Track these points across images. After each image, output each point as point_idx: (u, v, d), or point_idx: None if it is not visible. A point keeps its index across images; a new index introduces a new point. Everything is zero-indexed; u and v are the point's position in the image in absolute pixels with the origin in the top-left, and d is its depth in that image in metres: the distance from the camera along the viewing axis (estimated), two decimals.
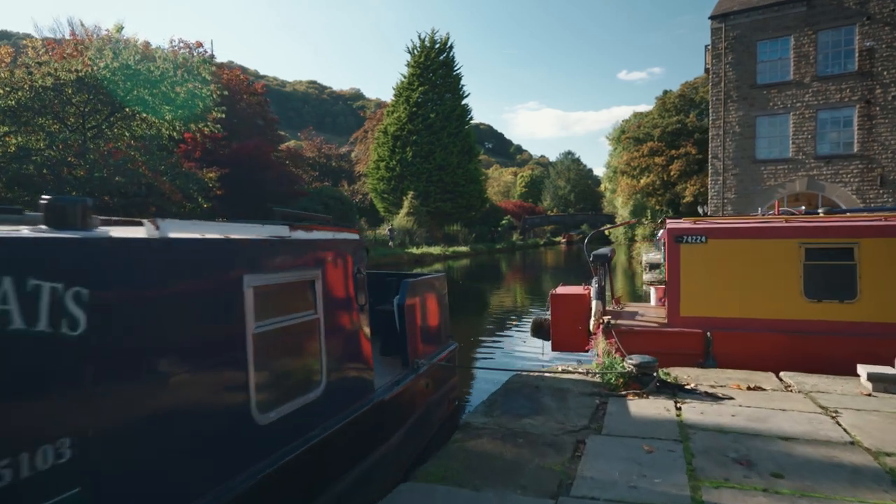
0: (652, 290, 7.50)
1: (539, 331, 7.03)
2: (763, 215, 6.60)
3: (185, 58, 21.13)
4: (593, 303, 6.06)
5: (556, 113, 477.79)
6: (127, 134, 22.87)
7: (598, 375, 4.81)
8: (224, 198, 24.59)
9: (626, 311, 6.94)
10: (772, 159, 22.25)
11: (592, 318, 6.08)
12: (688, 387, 4.60)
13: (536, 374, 5.08)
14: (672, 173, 52.43)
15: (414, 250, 35.61)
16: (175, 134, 24.09)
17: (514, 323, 11.11)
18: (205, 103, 22.83)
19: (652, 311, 7.05)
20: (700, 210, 34.40)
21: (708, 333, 5.64)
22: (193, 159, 24.16)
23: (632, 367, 4.49)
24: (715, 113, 23.39)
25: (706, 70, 27.58)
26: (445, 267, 31.25)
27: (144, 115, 23.02)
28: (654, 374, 4.52)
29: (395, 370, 4.19)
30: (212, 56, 34.50)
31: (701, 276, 5.83)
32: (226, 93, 23.77)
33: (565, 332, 6.64)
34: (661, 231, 6.24)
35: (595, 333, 6.35)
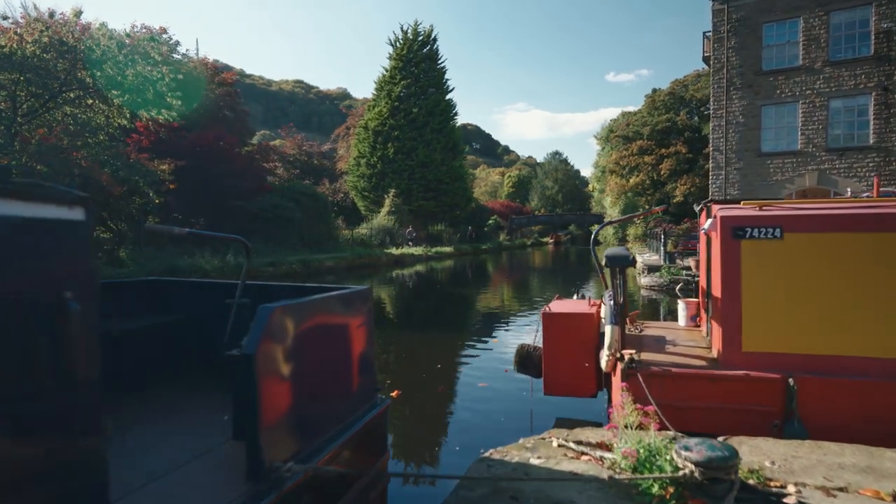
0: (681, 305, 5.45)
1: (525, 363, 4.96)
2: (856, 198, 4.57)
3: (128, 35, 18.79)
4: (607, 328, 4.00)
5: (545, 114, 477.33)
6: (72, 121, 20.52)
7: (624, 471, 2.73)
8: (180, 192, 22.28)
9: (647, 337, 4.89)
10: (778, 152, 20.46)
11: (606, 352, 4.02)
12: (789, 500, 2.54)
13: (516, 461, 2.98)
14: (662, 172, 51.07)
15: (393, 251, 33.47)
16: (125, 122, 21.77)
17: (493, 344, 8.95)
18: (155, 88, 20.53)
19: (683, 335, 5.00)
20: (696, 208, 32.65)
21: (790, 380, 3.60)
22: (144, 149, 21.79)
23: (690, 467, 2.42)
24: (717, 102, 21.55)
25: (705, 59, 25.80)
26: (427, 268, 29.16)
27: (90, 101, 20.71)
28: (732, 477, 2.45)
29: (229, 488, 2.14)
30: (177, 43, 32.21)
31: (775, 291, 3.78)
32: (180, 76, 21.41)
33: (564, 368, 4.58)
34: (708, 222, 4.15)
35: (611, 374, 4.29)
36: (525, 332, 9.88)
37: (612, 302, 4.07)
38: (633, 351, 3.98)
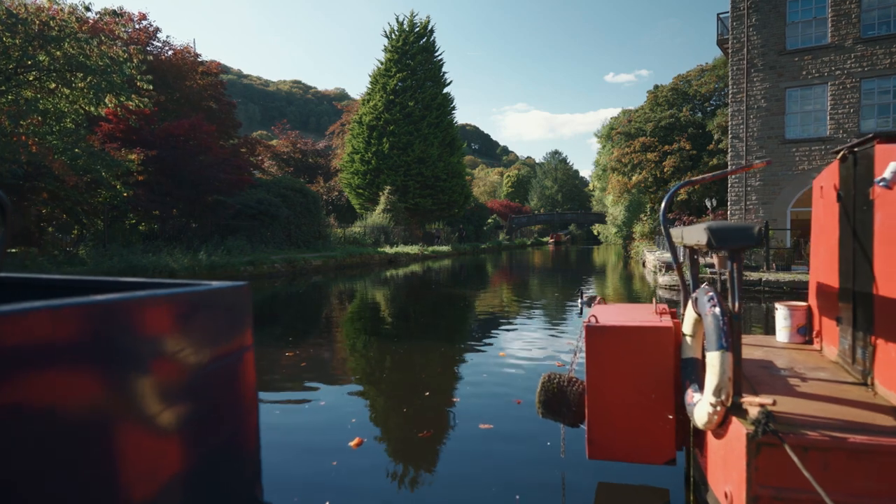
0: (781, 312, 3.66)
1: (555, 405, 3.15)
2: None
3: (88, 7, 16.99)
4: (713, 356, 2.21)
5: (544, 115, 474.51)
6: (31, 106, 18.71)
7: None
8: (152, 185, 20.46)
9: (747, 363, 3.11)
10: (805, 139, 18.73)
11: (710, 398, 2.22)
12: None
13: None
14: (665, 170, 49.51)
15: (387, 250, 31.68)
16: (92, 108, 19.95)
17: (499, 361, 7.11)
18: (122, 70, 18.73)
19: (798, 358, 3.23)
20: (707, 203, 30.96)
21: None
22: (114, 138, 19.98)
23: None
24: (736, 85, 19.80)
25: (719, 42, 24.09)
26: (423, 268, 27.38)
27: (52, 84, 18.90)
28: None
29: None
30: (157, 30, 30.42)
31: None
32: (150, 57, 19.63)
33: (623, 418, 2.80)
34: (890, 170, 2.30)
35: (705, 432, 2.51)
36: (533, 342, 8.10)
37: (716, 310, 2.28)
38: (770, 400, 2.19)
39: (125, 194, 18.90)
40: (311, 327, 10.32)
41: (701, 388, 2.59)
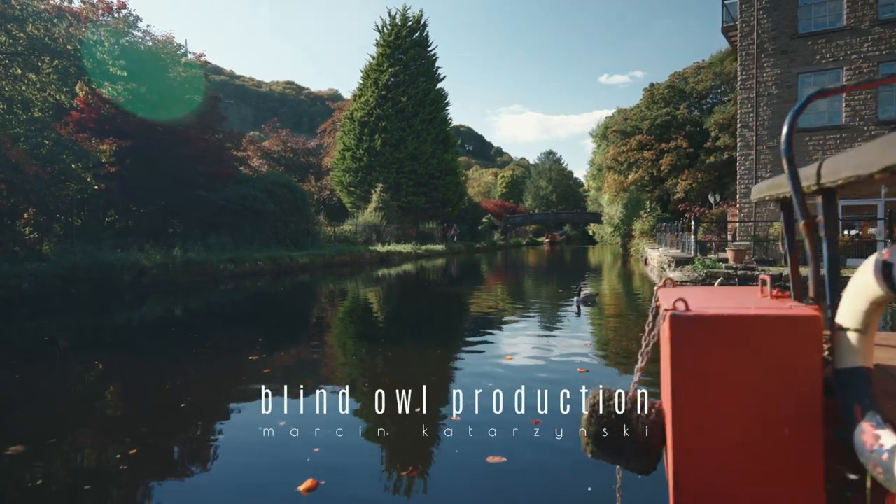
0: None
1: (614, 441, 2.02)
2: None
3: None
4: None
5: (538, 116, 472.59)
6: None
7: None
8: (126, 178, 19.21)
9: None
10: (819, 127, 17.75)
11: None
12: None
13: None
14: (662, 168, 48.63)
15: (379, 248, 30.52)
16: (62, 97, 18.70)
17: (505, 367, 5.92)
18: (94, 55, 17.53)
19: None
20: (711, 199, 30.00)
21: None
22: (86, 128, 18.73)
23: None
24: (745, 71, 18.79)
25: (724, 30, 23.11)
26: (417, 267, 26.26)
27: (18, 70, 17.65)
28: None
29: None
30: (137, 18, 29.12)
31: None
32: (124, 42, 18.44)
33: (733, 472, 1.65)
34: None
35: None
36: (542, 342, 6.97)
37: None
38: None
39: (96, 187, 17.66)
40: (284, 328, 9.17)
41: (886, 420, 1.45)
